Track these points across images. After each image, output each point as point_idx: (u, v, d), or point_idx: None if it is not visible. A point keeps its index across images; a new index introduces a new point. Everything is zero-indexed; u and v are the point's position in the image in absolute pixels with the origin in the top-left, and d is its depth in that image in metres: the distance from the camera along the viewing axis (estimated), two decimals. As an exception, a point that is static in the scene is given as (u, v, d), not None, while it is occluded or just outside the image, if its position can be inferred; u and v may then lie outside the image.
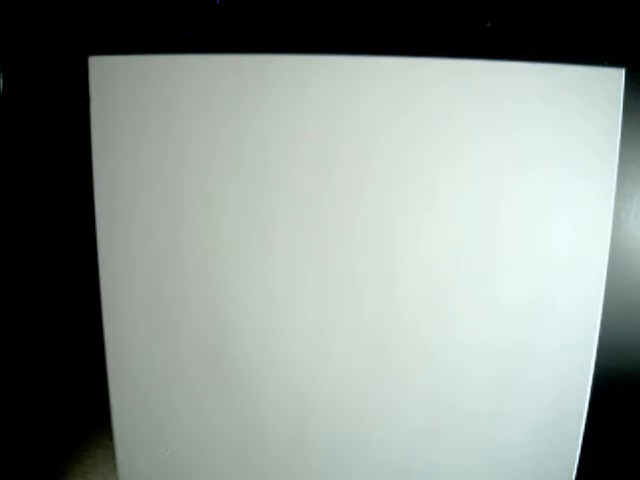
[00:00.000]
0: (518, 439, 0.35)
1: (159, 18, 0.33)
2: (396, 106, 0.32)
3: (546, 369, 0.34)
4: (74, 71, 0.31)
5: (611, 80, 0.32)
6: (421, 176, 0.33)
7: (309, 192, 0.33)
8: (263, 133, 0.31)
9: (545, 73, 0.32)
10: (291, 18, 0.33)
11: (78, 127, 0.35)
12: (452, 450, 0.35)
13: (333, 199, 0.33)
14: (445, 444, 0.35)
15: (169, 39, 0.32)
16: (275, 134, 0.32)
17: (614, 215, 0.33)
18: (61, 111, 0.42)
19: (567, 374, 0.34)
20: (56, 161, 0.46)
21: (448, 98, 0.32)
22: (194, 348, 0.34)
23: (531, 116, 0.32)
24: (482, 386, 0.34)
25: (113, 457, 0.35)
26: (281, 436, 0.35)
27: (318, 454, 0.35)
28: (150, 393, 0.34)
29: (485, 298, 0.33)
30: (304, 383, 0.34)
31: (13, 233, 0.52)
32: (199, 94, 0.31)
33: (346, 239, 0.33)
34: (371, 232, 0.33)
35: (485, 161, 0.32)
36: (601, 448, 0.35)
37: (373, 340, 0.34)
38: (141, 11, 0.33)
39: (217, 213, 0.32)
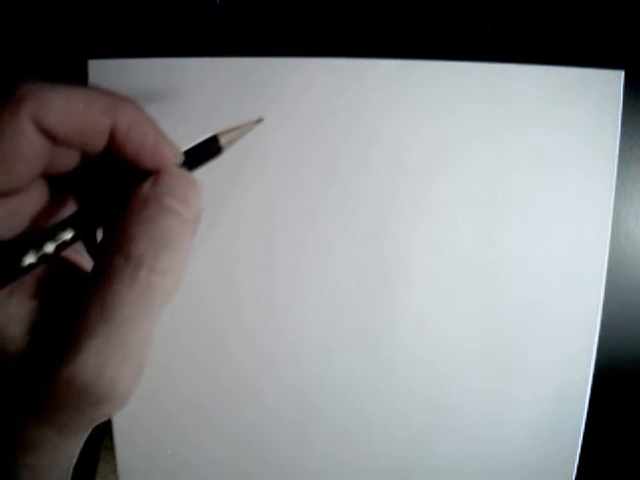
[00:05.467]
0: (518, 440, 0.35)
1: (159, 21, 0.33)
2: (397, 108, 0.32)
3: (545, 369, 0.34)
4: (73, 75, 0.31)
5: (610, 82, 0.32)
6: (421, 176, 0.33)
7: (309, 193, 0.33)
8: (264, 135, 0.31)
9: (544, 75, 0.32)
10: (293, 20, 0.33)
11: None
12: (453, 449, 0.35)
13: (334, 200, 0.33)
14: (446, 442, 0.35)
15: (169, 42, 0.32)
16: (276, 136, 0.32)
17: (614, 215, 0.32)
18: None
19: (567, 374, 0.34)
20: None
21: (448, 100, 0.32)
22: (195, 346, 0.34)
23: (530, 118, 0.32)
24: (482, 386, 0.34)
25: (113, 457, 0.35)
26: (283, 435, 0.35)
27: (321, 453, 0.35)
28: (151, 393, 0.34)
29: (483, 298, 0.33)
30: (306, 382, 0.34)
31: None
32: (200, 98, 0.31)
33: (348, 237, 0.33)
34: (372, 231, 0.33)
35: (485, 163, 0.32)
36: (601, 447, 0.35)
37: (374, 338, 0.34)
38: (140, 14, 0.33)
39: (216, 214, 0.32)
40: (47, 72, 0.33)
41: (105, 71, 0.31)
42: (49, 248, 0.20)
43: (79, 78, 0.30)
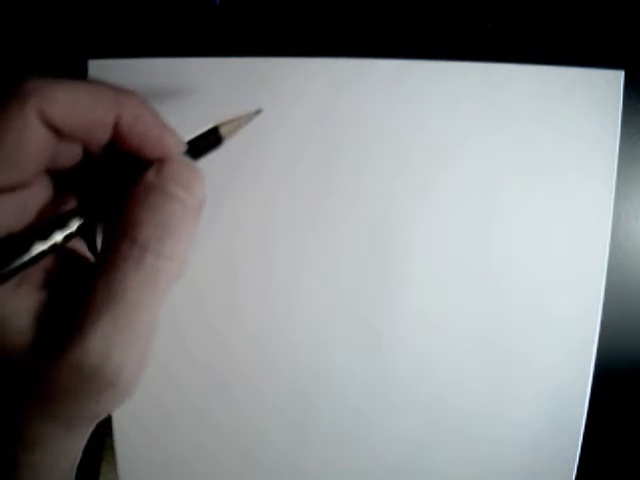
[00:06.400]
0: (518, 440, 0.35)
1: (159, 21, 0.33)
2: (397, 108, 0.32)
3: (546, 370, 0.34)
4: (73, 75, 0.31)
5: (610, 82, 0.32)
6: (421, 176, 0.33)
7: (309, 193, 0.33)
8: (264, 134, 0.31)
9: (543, 75, 0.32)
10: (293, 20, 0.33)
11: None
12: (452, 450, 0.35)
13: (334, 200, 0.33)
14: (445, 443, 0.35)
15: (169, 42, 0.32)
16: (276, 136, 0.32)
17: (614, 216, 0.32)
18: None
19: (566, 375, 0.34)
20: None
21: (448, 100, 0.32)
22: (195, 346, 0.34)
23: (530, 118, 0.32)
24: (482, 386, 0.34)
25: (113, 457, 0.35)
26: (283, 435, 0.35)
27: (320, 453, 0.35)
28: (151, 393, 0.34)
29: (483, 298, 0.33)
30: (306, 382, 0.34)
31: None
32: (200, 98, 0.31)
33: (347, 236, 0.33)
34: (371, 231, 0.33)
35: (484, 164, 0.32)
36: (601, 448, 0.35)
37: (374, 338, 0.34)
38: (140, 14, 0.33)
39: (216, 213, 0.32)
40: (47, 72, 0.33)
41: (105, 71, 0.31)
42: (57, 237, 0.20)
43: (79, 78, 0.30)
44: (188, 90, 0.31)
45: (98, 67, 0.31)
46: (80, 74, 0.30)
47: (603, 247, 0.33)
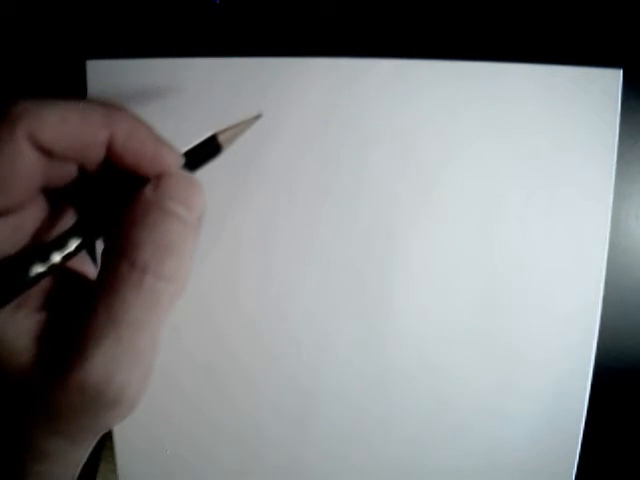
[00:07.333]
0: (518, 439, 0.35)
1: (158, 21, 0.32)
2: (397, 108, 0.32)
3: (545, 370, 0.34)
4: (72, 75, 0.31)
5: (608, 80, 0.32)
6: (422, 174, 0.33)
7: (310, 192, 0.33)
8: (264, 135, 0.31)
9: (542, 74, 0.32)
10: (293, 20, 0.33)
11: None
12: (451, 444, 0.35)
13: (334, 199, 0.33)
14: (445, 438, 0.35)
15: (168, 42, 0.32)
16: (276, 136, 0.32)
17: (614, 215, 0.32)
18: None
19: (566, 374, 0.34)
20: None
21: (448, 100, 0.32)
22: (195, 345, 0.34)
23: (528, 117, 0.32)
24: (483, 382, 0.34)
25: (113, 457, 0.35)
26: (283, 434, 0.35)
27: (321, 451, 0.35)
28: (150, 393, 0.34)
29: (482, 298, 0.33)
30: (305, 380, 0.34)
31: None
32: (200, 98, 0.31)
33: (347, 236, 0.33)
34: (371, 230, 0.33)
35: (484, 162, 0.32)
36: (601, 443, 0.35)
37: (373, 336, 0.34)
38: (139, 14, 0.32)
39: (218, 214, 0.32)
40: (45, 73, 0.33)
41: (103, 71, 0.31)
42: (55, 258, 0.20)
43: (77, 79, 0.30)
44: (187, 90, 0.31)
45: (96, 67, 0.30)
46: (78, 75, 0.30)
47: (602, 245, 0.33)
